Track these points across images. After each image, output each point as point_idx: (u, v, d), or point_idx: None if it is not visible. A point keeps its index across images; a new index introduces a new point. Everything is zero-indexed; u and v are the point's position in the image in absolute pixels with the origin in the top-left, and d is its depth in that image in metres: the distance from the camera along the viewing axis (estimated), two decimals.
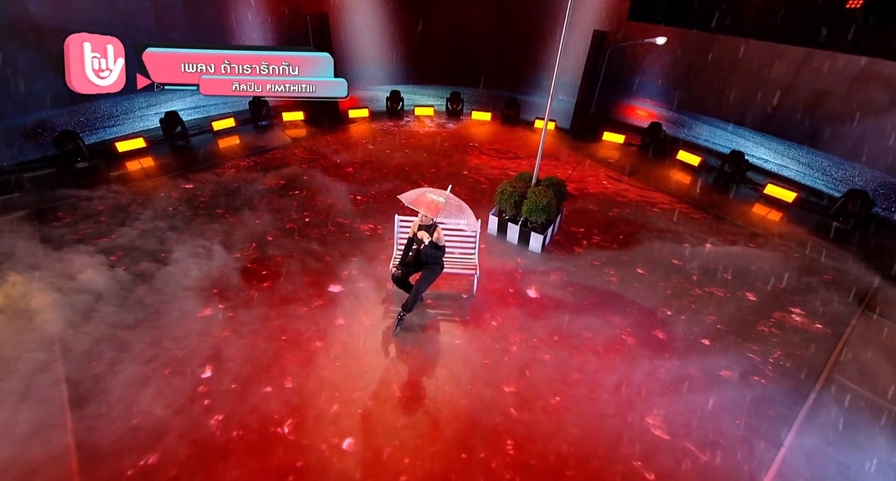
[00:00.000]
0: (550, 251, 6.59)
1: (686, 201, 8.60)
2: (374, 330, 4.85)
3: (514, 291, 5.66)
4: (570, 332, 5.00)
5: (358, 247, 6.37)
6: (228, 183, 8.09)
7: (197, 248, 6.04)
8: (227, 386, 4.09)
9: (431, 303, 5.35)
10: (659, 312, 5.41)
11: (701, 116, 10.93)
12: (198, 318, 4.86)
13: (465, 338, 4.84)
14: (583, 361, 4.61)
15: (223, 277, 5.51)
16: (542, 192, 6.25)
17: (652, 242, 6.96)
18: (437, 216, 4.27)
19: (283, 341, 4.63)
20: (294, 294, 5.33)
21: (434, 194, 4.48)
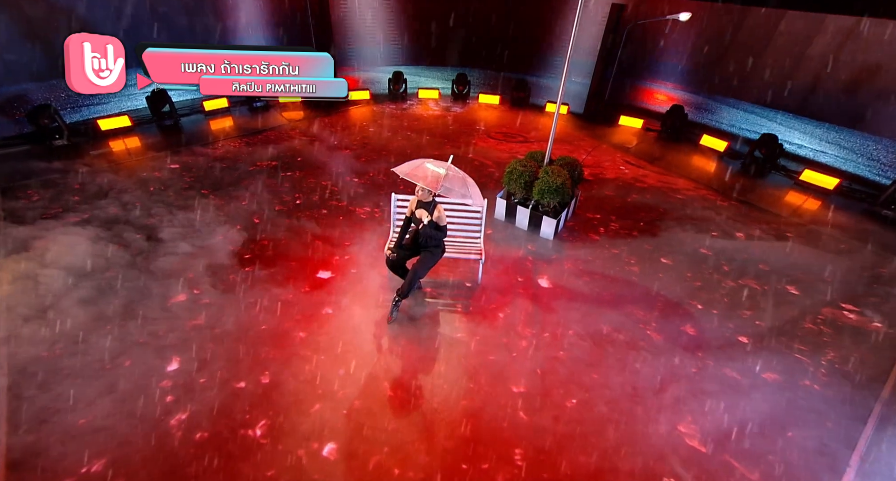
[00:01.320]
0: (564, 238, 6.05)
1: (712, 188, 8.00)
2: (365, 320, 4.36)
3: (524, 280, 5.14)
4: (587, 327, 4.48)
5: (352, 230, 5.88)
6: (216, 164, 7.64)
7: (175, 230, 5.58)
8: (195, 380, 3.62)
9: (430, 292, 4.84)
10: (687, 306, 4.86)
11: (727, 99, 10.27)
12: (168, 304, 4.40)
13: (468, 331, 4.34)
14: (602, 359, 4.09)
15: (201, 261, 5.05)
16: (556, 172, 5.71)
17: (676, 230, 6.39)
18: (438, 188, 3.76)
19: (263, 331, 4.16)
20: (279, 279, 4.85)
21: (433, 165, 3.97)
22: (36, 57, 8.02)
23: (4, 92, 7.73)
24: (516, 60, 11.89)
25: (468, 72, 12.20)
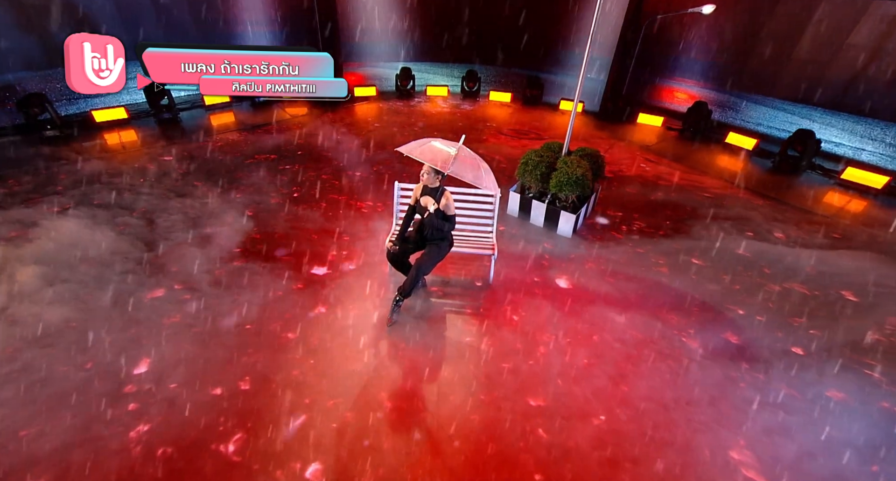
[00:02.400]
0: (583, 236, 5.56)
1: (743, 186, 7.47)
2: (362, 321, 3.90)
3: (541, 280, 4.65)
4: (613, 332, 3.97)
5: (352, 225, 5.46)
6: (213, 156, 7.31)
7: (161, 221, 5.21)
8: (164, 386, 3.17)
9: (437, 291, 4.38)
10: (727, 311, 4.33)
11: (753, 96, 9.78)
12: (145, 300, 3.99)
13: (479, 334, 3.85)
14: (633, 369, 3.57)
15: (185, 255, 4.65)
16: (576, 163, 5.25)
17: (707, 229, 5.87)
18: (448, 169, 3.33)
19: (247, 331, 3.71)
20: (268, 275, 4.42)
21: (442, 144, 3.55)
22: (32, 46, 7.83)
23: None
24: (529, 57, 11.53)
25: (479, 68, 11.86)
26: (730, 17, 9.59)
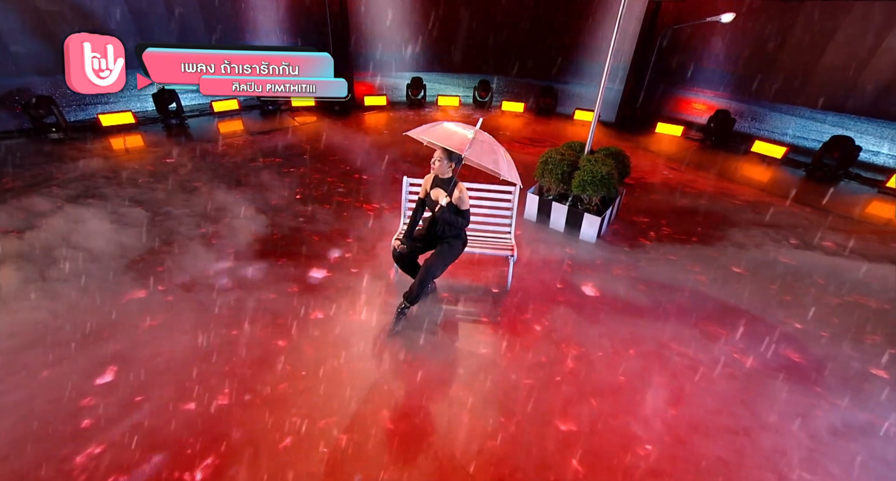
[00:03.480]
0: (608, 241, 5.07)
1: (777, 194, 6.95)
2: (363, 328, 3.42)
3: (564, 287, 4.15)
4: (651, 344, 3.43)
5: (356, 227, 5.05)
6: (216, 159, 7.04)
7: (154, 220, 4.86)
8: (128, 398, 2.71)
9: (448, 297, 3.90)
10: (782, 324, 3.76)
11: (777, 105, 9.33)
12: (123, 301, 3.57)
13: (496, 345, 3.34)
14: (681, 389, 3.02)
15: (175, 254, 4.26)
16: (601, 161, 4.82)
17: (745, 237, 5.34)
18: (465, 151, 2.92)
19: (233, 337, 3.26)
20: (262, 277, 4.00)
21: (456, 125, 3.15)
22: (45, 51, 7.78)
23: (9, 84, 7.41)
24: (542, 67, 11.30)
25: (491, 78, 11.66)
26: (750, 25, 9.27)
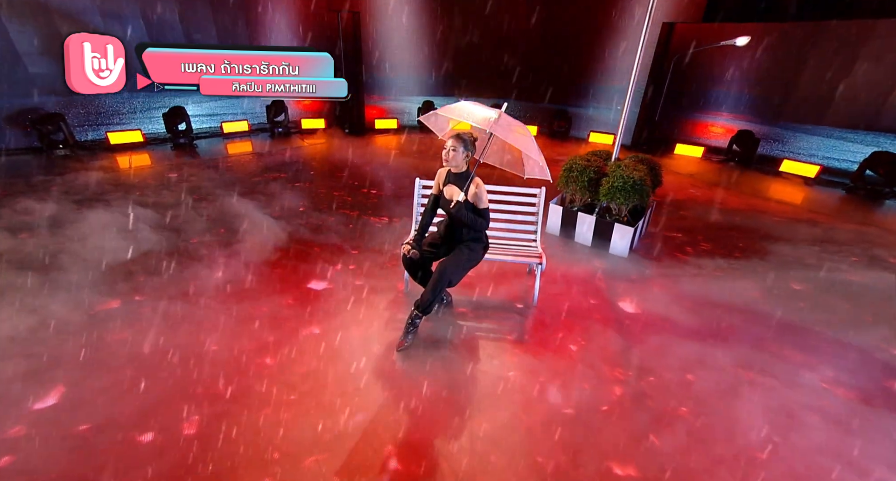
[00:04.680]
0: (641, 255, 4.54)
1: (819, 211, 6.42)
2: (365, 344, 2.89)
3: (598, 303, 3.60)
4: (714, 369, 2.83)
5: (362, 238, 4.61)
6: (220, 175, 6.80)
7: (142, 228, 4.48)
8: (70, 426, 2.18)
9: (465, 312, 3.37)
10: (875, 350, 3.13)
11: (803, 126, 8.97)
12: (94, 311, 3.11)
13: (525, 368, 2.78)
14: (763, 424, 2.39)
15: (160, 262, 3.84)
16: (632, 166, 4.39)
17: (795, 253, 4.79)
18: (489, 126, 2.54)
19: (211, 353, 2.75)
20: (255, 287, 3.53)
21: (477, 105, 2.79)
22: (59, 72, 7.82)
23: (24, 103, 7.38)
24: (556, 90, 11.21)
25: (503, 102, 11.57)
26: (767, 46, 9.13)
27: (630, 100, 4.63)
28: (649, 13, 4.38)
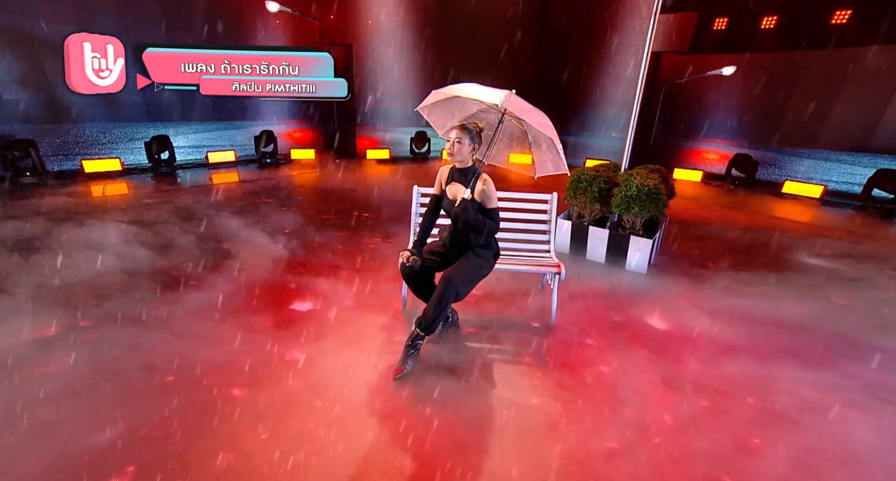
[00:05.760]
0: (662, 270, 4.20)
1: (835, 227, 6.23)
2: (356, 372, 2.42)
3: (624, 320, 3.19)
4: (778, 391, 2.39)
5: (354, 258, 4.22)
6: (200, 200, 6.44)
7: (106, 251, 4.04)
8: None
9: (473, 333, 2.93)
10: None
11: (798, 150, 9.05)
12: (22, 339, 2.60)
13: (552, 394, 2.32)
14: (845, 456, 1.94)
15: (120, 285, 3.37)
16: (644, 175, 4.16)
17: (827, 266, 4.50)
18: (502, 102, 2.26)
19: (165, 385, 2.25)
20: (228, 310, 3.06)
21: (482, 87, 2.54)
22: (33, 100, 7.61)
23: None
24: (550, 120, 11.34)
25: None
26: (753, 75, 9.41)
27: (634, 125, 4.56)
28: (649, 41, 4.42)
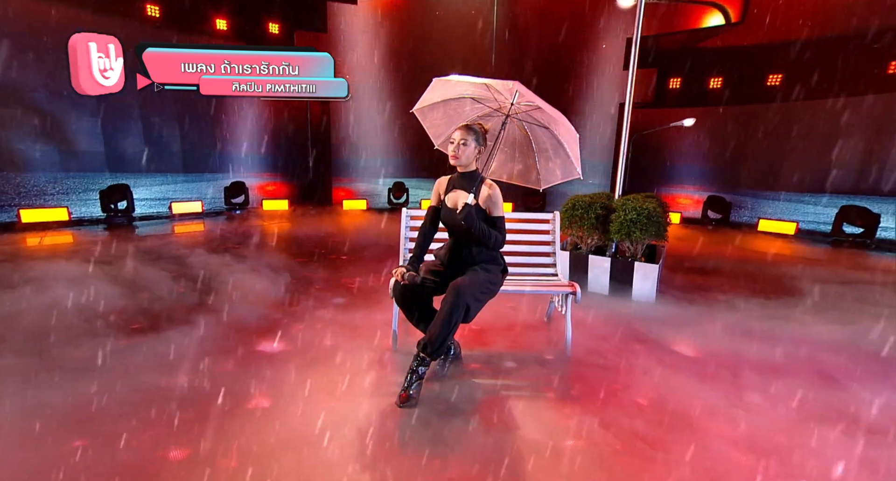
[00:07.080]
0: (672, 298, 3.95)
1: (824, 259, 6.31)
2: (347, 411, 1.93)
3: (646, 348, 2.85)
4: (856, 419, 2.05)
5: (335, 296, 3.79)
6: (158, 248, 5.92)
7: (44, 293, 3.45)
8: None
9: (480, 369, 2.50)
10: None
11: (762, 193, 9.56)
12: None
13: (585, 433, 1.89)
14: None
15: (55, 329, 2.79)
16: (642, 199, 4.07)
17: (842, 290, 4.42)
18: (514, 91, 2.09)
19: (101, 444, 1.68)
20: (190, 349, 2.53)
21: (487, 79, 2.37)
22: None
23: None
24: None
25: None
26: (711, 126, 10.17)
27: (622, 170, 4.95)
28: (629, 94, 4.69)
